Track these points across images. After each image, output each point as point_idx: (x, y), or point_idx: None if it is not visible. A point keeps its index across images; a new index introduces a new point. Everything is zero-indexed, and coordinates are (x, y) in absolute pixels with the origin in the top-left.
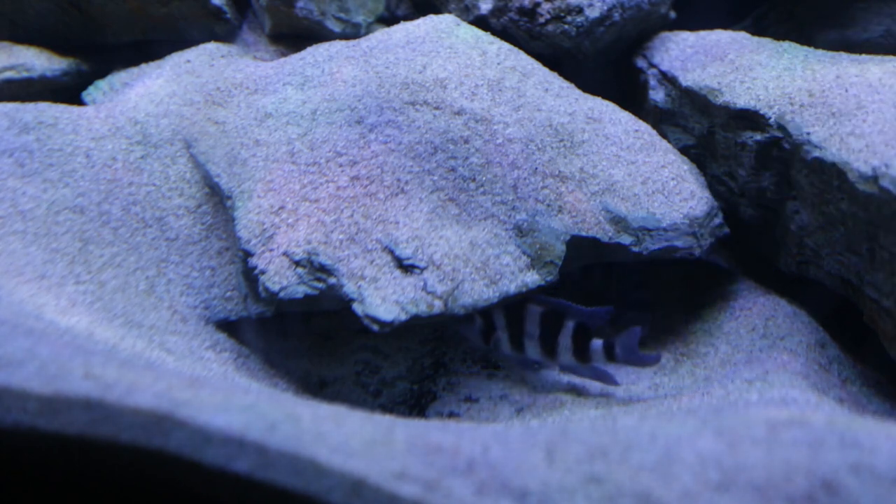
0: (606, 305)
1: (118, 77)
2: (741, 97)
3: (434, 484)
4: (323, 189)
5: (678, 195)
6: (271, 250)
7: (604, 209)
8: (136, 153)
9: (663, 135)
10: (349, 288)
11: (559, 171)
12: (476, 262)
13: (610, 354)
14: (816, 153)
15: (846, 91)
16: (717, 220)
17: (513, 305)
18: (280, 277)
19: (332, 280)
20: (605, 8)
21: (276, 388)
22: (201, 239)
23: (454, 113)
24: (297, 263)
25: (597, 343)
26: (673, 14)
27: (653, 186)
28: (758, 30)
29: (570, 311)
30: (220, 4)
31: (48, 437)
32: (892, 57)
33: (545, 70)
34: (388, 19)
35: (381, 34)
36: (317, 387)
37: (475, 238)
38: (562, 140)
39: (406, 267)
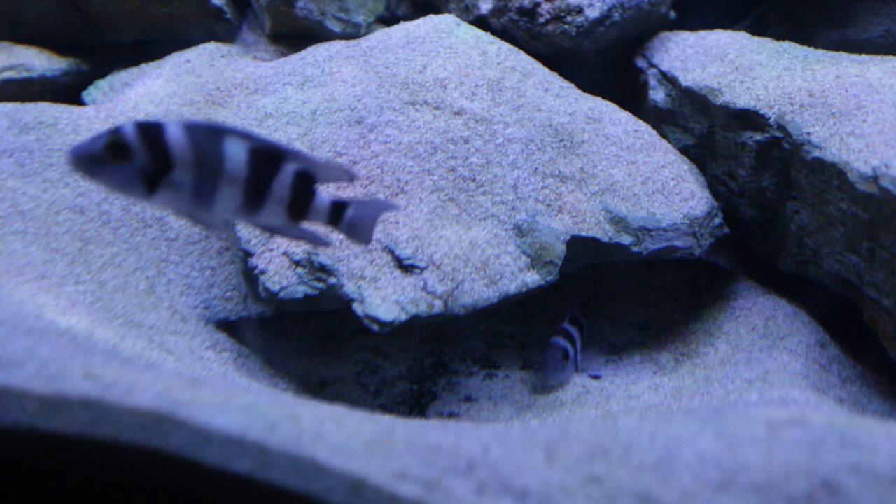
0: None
1: (118, 77)
2: (741, 97)
3: (434, 484)
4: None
5: (678, 195)
6: (271, 250)
7: (604, 209)
8: None
9: (663, 135)
10: (349, 288)
11: (559, 171)
12: (476, 262)
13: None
14: (816, 153)
15: (846, 91)
16: (717, 220)
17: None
18: (280, 277)
19: (332, 280)
20: (605, 8)
21: (276, 388)
22: (201, 239)
23: (454, 113)
24: (297, 263)
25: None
26: (673, 14)
27: (653, 186)
28: (758, 30)
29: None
30: (220, 4)
31: (48, 437)
32: (892, 57)
33: (545, 70)
34: (388, 19)
35: (381, 34)
36: (317, 387)
37: (475, 238)
38: (562, 140)
39: (406, 267)
